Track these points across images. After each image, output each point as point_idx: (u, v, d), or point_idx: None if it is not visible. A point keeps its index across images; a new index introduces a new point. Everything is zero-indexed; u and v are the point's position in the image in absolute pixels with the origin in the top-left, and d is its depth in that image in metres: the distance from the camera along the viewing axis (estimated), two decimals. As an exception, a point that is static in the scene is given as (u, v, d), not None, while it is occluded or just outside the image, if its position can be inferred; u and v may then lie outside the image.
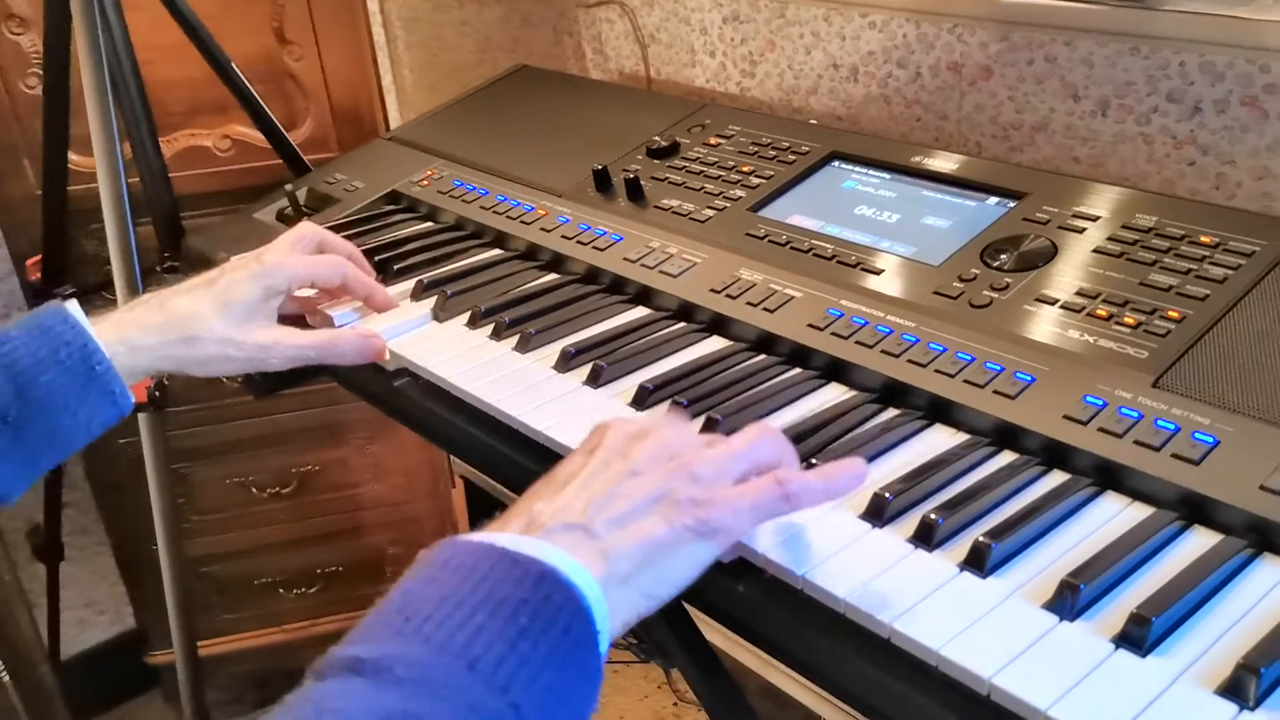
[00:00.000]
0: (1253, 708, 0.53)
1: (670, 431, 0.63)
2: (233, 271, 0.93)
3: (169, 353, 0.89)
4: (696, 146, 1.20)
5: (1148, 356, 0.77)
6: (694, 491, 0.59)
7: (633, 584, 0.56)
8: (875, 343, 0.84)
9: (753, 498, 0.60)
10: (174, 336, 0.89)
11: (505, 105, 1.44)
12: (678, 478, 0.59)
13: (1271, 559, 0.63)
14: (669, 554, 0.57)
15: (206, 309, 0.90)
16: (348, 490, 1.83)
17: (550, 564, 0.52)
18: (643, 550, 0.56)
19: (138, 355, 0.88)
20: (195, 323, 0.90)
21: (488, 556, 0.52)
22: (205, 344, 0.90)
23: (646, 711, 1.96)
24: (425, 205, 1.26)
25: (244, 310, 0.91)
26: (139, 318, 0.89)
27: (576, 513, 0.57)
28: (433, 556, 0.53)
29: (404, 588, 0.52)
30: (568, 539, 0.55)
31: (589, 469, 0.60)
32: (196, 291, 0.92)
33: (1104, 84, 1.13)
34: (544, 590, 0.51)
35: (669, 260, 1.02)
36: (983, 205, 0.98)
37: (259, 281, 0.93)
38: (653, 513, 0.58)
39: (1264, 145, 1.03)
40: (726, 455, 0.62)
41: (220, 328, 0.90)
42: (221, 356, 0.91)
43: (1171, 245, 0.86)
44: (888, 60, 1.32)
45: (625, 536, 0.56)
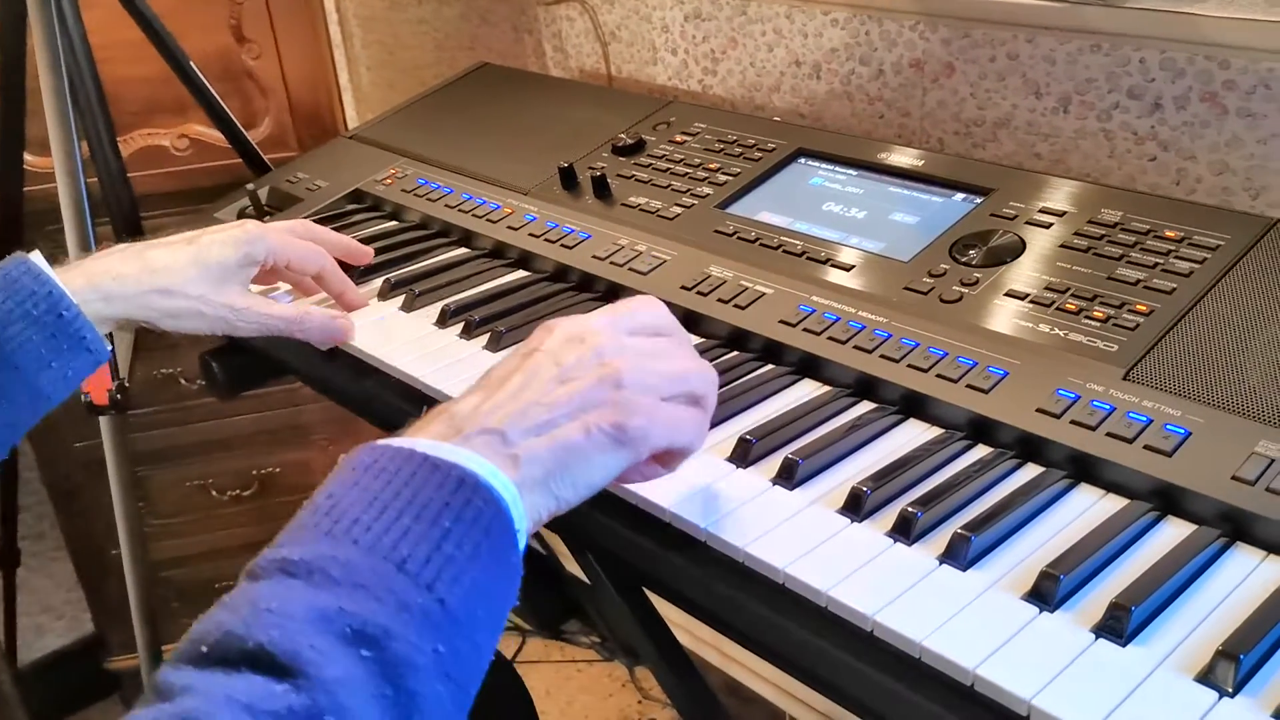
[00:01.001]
0: (1232, 694, 0.54)
1: (610, 338, 0.64)
2: (214, 233, 0.94)
3: (144, 302, 0.89)
4: (662, 144, 1.20)
5: (1118, 350, 0.78)
6: (616, 398, 0.61)
7: (544, 486, 0.58)
8: (848, 338, 0.85)
9: (671, 414, 0.63)
10: (149, 286, 0.89)
11: (467, 103, 1.43)
12: (604, 386, 0.61)
13: (1244, 548, 0.64)
14: (582, 458, 0.59)
15: (184, 263, 0.91)
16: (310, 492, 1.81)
17: (469, 468, 0.54)
18: (556, 455, 0.59)
19: (111, 303, 0.87)
20: (170, 275, 0.90)
21: (409, 461, 0.54)
22: (178, 297, 0.90)
23: (612, 710, 1.96)
24: (390, 204, 1.25)
25: (219, 271, 0.92)
26: (112, 266, 0.88)
27: (496, 419, 0.59)
28: (356, 460, 0.55)
29: (329, 491, 0.54)
30: (483, 442, 0.58)
31: (521, 374, 0.62)
32: (175, 246, 0.92)
33: (1065, 81, 1.14)
34: (464, 494, 0.53)
35: (638, 258, 1.02)
36: (949, 201, 0.99)
37: (239, 247, 0.93)
38: (573, 419, 0.60)
39: (1223, 141, 1.04)
40: (659, 373, 0.63)
41: (195, 284, 0.91)
42: (193, 311, 0.91)
43: (1137, 240, 0.87)
44: (850, 57, 1.33)
45: (540, 443, 0.59)
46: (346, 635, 0.47)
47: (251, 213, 1.27)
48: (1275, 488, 0.64)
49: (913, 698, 0.59)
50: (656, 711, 1.94)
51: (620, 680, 2.02)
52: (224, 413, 1.71)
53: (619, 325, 0.65)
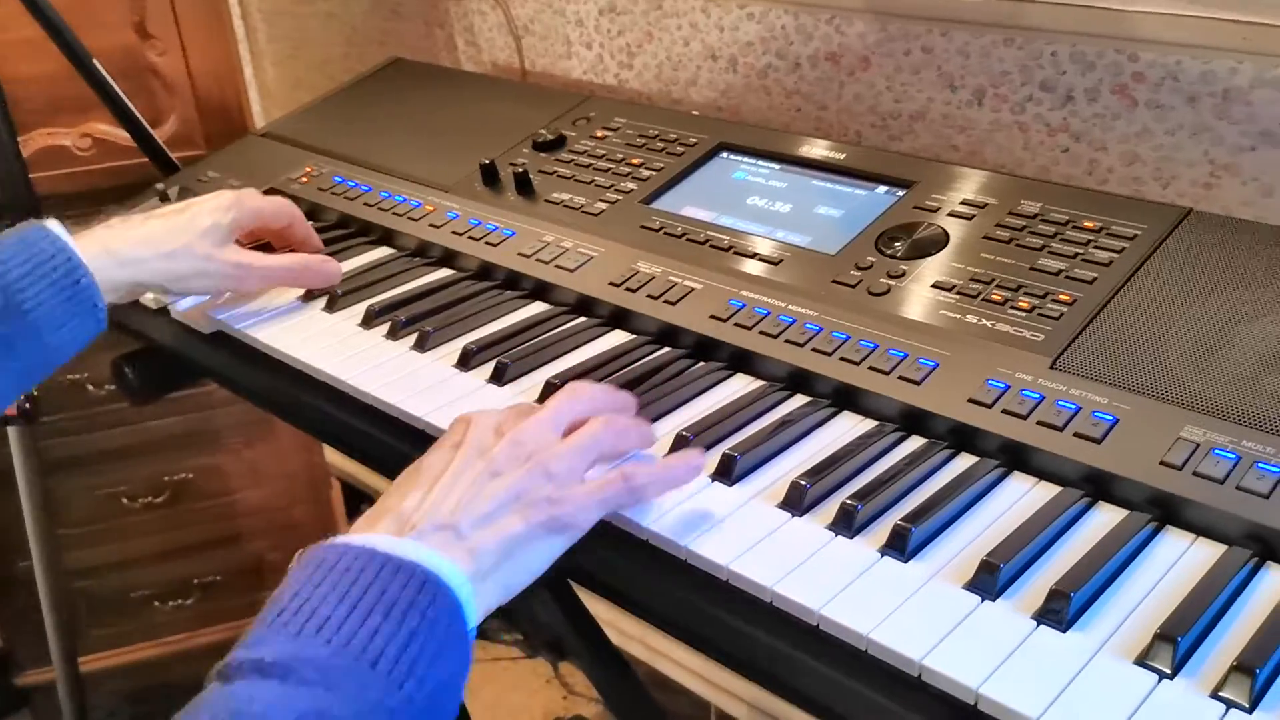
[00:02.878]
0: (1171, 676, 0.55)
1: (527, 428, 0.67)
2: (201, 202, 0.99)
3: (154, 267, 0.94)
4: (583, 139, 1.19)
5: (1044, 339, 0.79)
6: (548, 490, 0.64)
7: (494, 577, 0.62)
8: (779, 332, 0.85)
9: (600, 494, 0.66)
10: (157, 250, 0.94)
11: (381, 99, 1.41)
12: (533, 477, 0.64)
13: (1174, 531, 0.66)
14: (526, 548, 0.63)
15: (182, 229, 0.95)
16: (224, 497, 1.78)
17: (431, 569, 0.57)
18: (503, 547, 0.62)
19: (124, 268, 0.92)
20: (175, 238, 0.95)
21: (374, 561, 0.57)
22: (185, 259, 0.95)
23: (537, 707, 1.95)
24: (306, 203, 1.22)
25: (215, 235, 0.97)
26: (122, 233, 0.93)
27: (445, 513, 0.62)
28: (319, 558, 0.57)
29: (295, 590, 0.56)
30: (439, 539, 0.61)
31: (454, 468, 0.65)
32: (169, 216, 0.97)
33: (979, 74, 1.16)
34: (429, 594, 0.56)
35: (564, 254, 1.01)
36: (873, 194, 1.00)
37: (228, 213, 0.98)
38: (512, 511, 0.63)
39: (1133, 132, 1.07)
40: (576, 450, 0.67)
41: (199, 245, 0.95)
42: (200, 272, 0.96)
43: (1057, 230, 0.88)
44: (766, 51, 1.34)
45: (488, 535, 0.62)
46: None
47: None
48: (1202, 472, 0.66)
49: (860, 690, 0.59)
50: (582, 707, 1.94)
51: (544, 677, 2.01)
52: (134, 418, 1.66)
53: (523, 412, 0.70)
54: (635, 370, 0.86)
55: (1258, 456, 0.66)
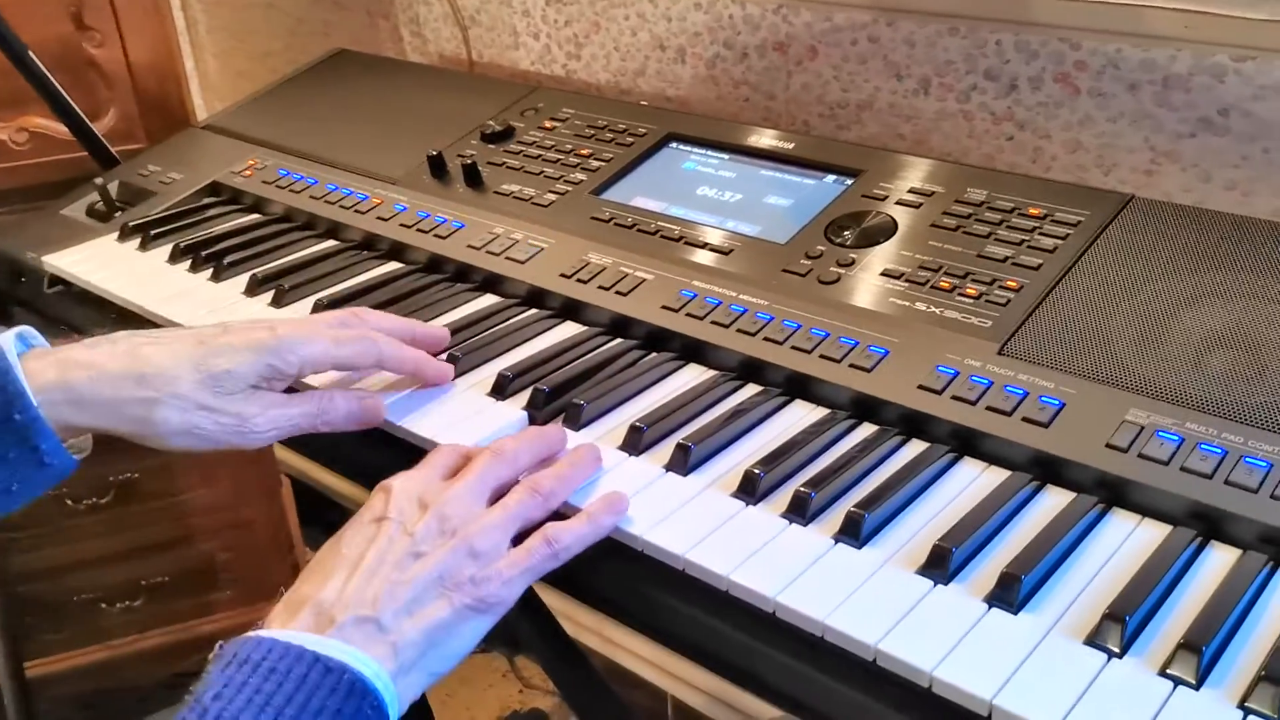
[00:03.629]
0: (1120, 655, 0.56)
1: (450, 500, 0.65)
2: (234, 335, 0.76)
3: (123, 411, 0.71)
4: (531, 130, 1.19)
5: (991, 325, 0.80)
6: (472, 570, 0.62)
7: (418, 666, 0.60)
8: (730, 322, 0.85)
9: (524, 564, 0.64)
10: (131, 393, 0.71)
11: (326, 91, 1.40)
12: (457, 556, 0.62)
13: (1121, 513, 0.67)
14: (450, 632, 0.61)
15: (184, 368, 0.73)
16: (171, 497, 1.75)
17: (357, 671, 0.56)
18: (428, 635, 0.60)
19: (82, 409, 0.71)
20: (162, 380, 0.72)
21: (300, 661, 0.55)
22: (168, 407, 0.72)
23: (493, 701, 1.94)
24: (250, 196, 1.21)
25: (229, 384, 0.74)
26: (95, 359, 0.72)
27: (367, 604, 0.60)
28: (244, 655, 0.55)
29: (216, 690, 0.54)
30: (361, 635, 0.58)
31: (375, 549, 0.62)
32: (180, 345, 0.74)
33: (925, 63, 1.17)
34: (355, 701, 0.55)
35: (515, 246, 1.00)
36: (821, 183, 1.00)
37: (262, 358, 0.75)
38: (436, 595, 0.61)
39: (1076, 120, 1.08)
40: (500, 524, 0.65)
41: (192, 391, 0.72)
42: (187, 426, 0.72)
43: (1003, 218, 0.89)
44: (714, 41, 1.34)
45: (412, 625, 0.60)
46: None
47: (102, 209, 1.22)
48: (1147, 454, 0.67)
49: (817, 676, 0.60)
50: (539, 700, 1.93)
51: (500, 670, 2.00)
52: (76, 418, 1.63)
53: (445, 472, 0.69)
54: (587, 362, 0.85)
55: (1200, 438, 0.68)
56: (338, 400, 0.79)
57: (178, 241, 1.11)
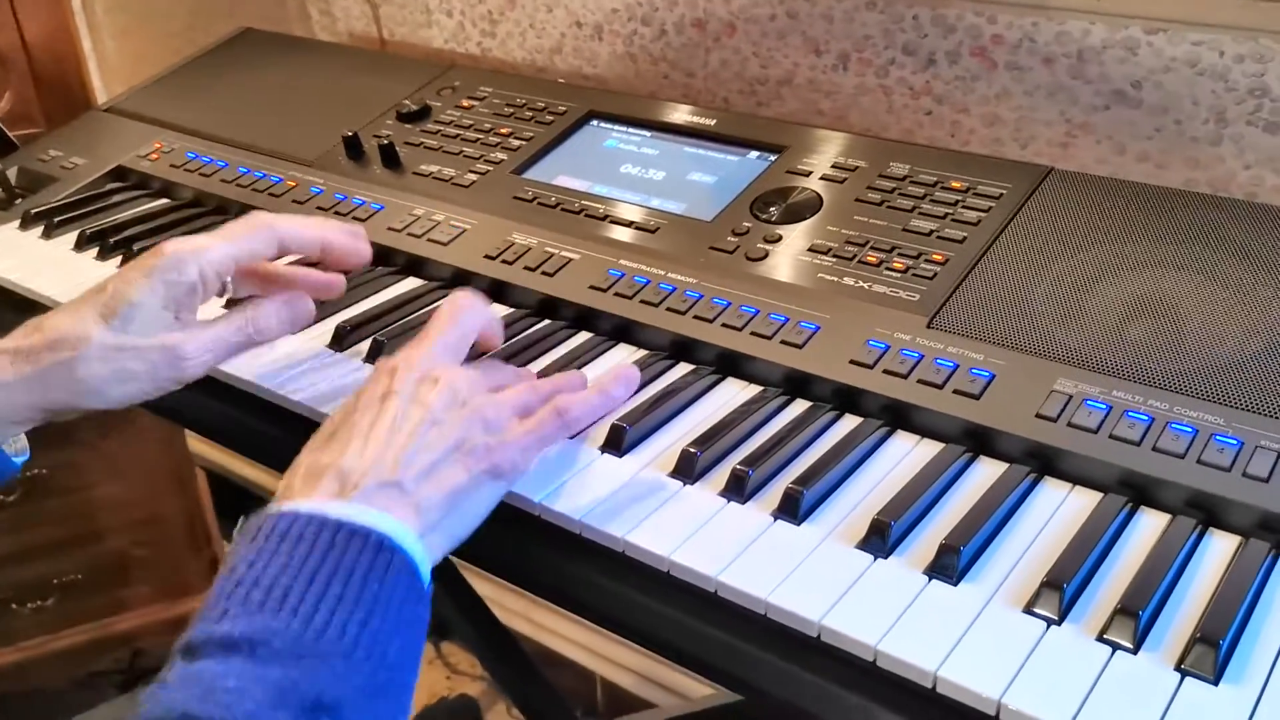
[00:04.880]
0: (1059, 622, 0.57)
1: (456, 375, 0.66)
2: (126, 269, 0.73)
3: (51, 381, 0.70)
4: (449, 109, 1.16)
5: (919, 299, 0.80)
6: (487, 438, 0.64)
7: (441, 528, 0.61)
8: (660, 301, 0.85)
9: (538, 433, 0.66)
10: (50, 360, 0.70)
11: (233, 71, 1.36)
12: (472, 425, 0.64)
13: (1052, 481, 0.68)
14: (469, 497, 0.62)
15: (88, 316, 0.70)
16: (81, 493, 1.70)
17: (383, 531, 0.56)
18: (448, 498, 0.61)
19: (12, 392, 0.70)
20: (74, 337, 0.70)
21: (325, 527, 0.56)
22: (88, 361, 0.70)
23: (421, 688, 1.92)
24: (158, 180, 1.17)
25: (139, 315, 0.71)
26: (6, 344, 0.71)
27: (388, 468, 0.60)
28: (270, 527, 0.56)
29: (249, 560, 0.54)
30: (385, 498, 0.59)
31: (389, 418, 0.63)
32: (80, 302, 0.72)
33: (843, 38, 1.17)
34: (385, 558, 0.55)
35: (436, 228, 0.99)
36: (745, 160, 1.00)
37: (154, 275, 0.71)
38: (453, 461, 0.62)
39: (993, 94, 1.09)
40: (511, 398, 0.67)
41: (104, 335, 0.70)
42: (117, 374, 0.70)
43: (926, 191, 0.90)
44: (632, 18, 1.32)
45: (432, 488, 0.61)
46: (305, 707, 0.49)
47: (1, 196, 1.17)
48: (1076, 422, 0.68)
49: (761, 655, 0.60)
50: (466, 686, 1.92)
51: (427, 658, 1.98)
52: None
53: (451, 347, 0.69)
54: (516, 344, 0.84)
55: (1127, 405, 0.69)
56: (265, 307, 0.77)
57: (83, 228, 1.07)
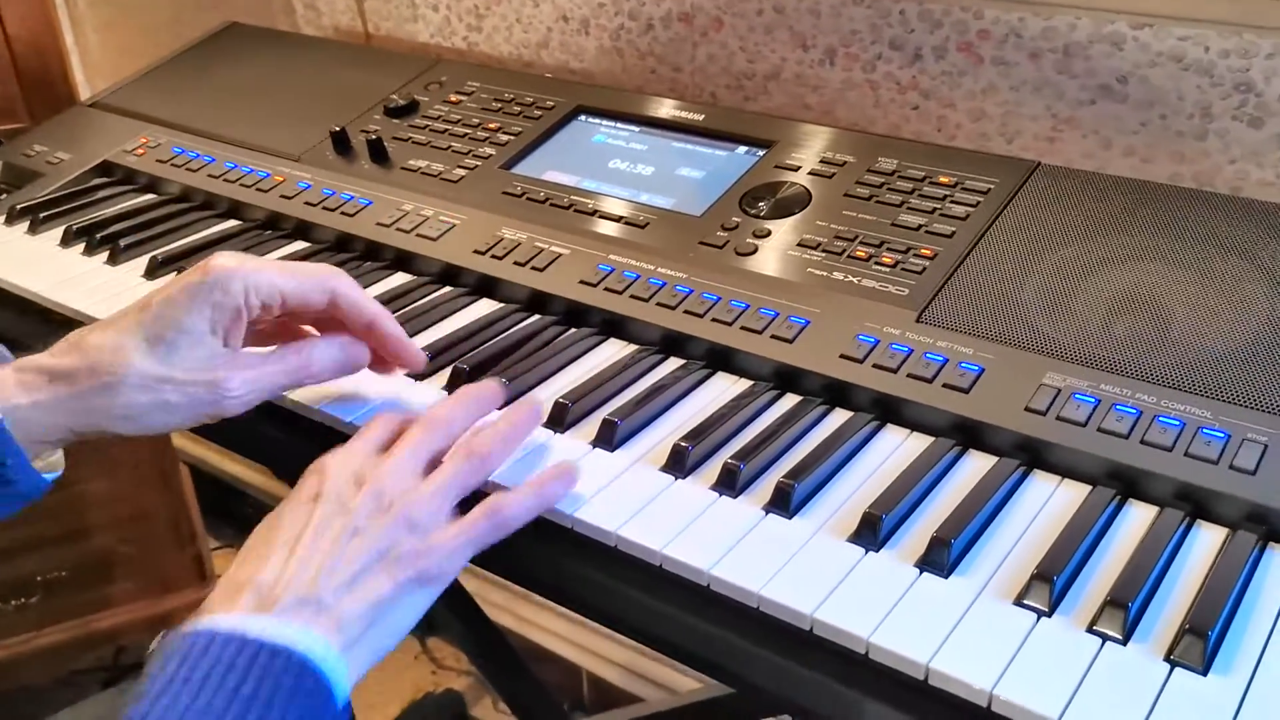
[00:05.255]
0: (1049, 614, 0.57)
1: (385, 473, 0.63)
2: (169, 287, 0.70)
3: (87, 404, 0.66)
4: (436, 104, 1.16)
5: (908, 293, 0.81)
6: (413, 543, 0.61)
7: (363, 643, 0.58)
8: (650, 296, 0.85)
9: (468, 536, 0.62)
10: (88, 384, 0.66)
11: (219, 66, 1.35)
12: (397, 529, 0.61)
13: (1042, 474, 0.69)
14: (394, 607, 0.60)
15: (129, 341, 0.67)
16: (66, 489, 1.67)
17: (301, 652, 0.54)
18: (370, 611, 0.58)
19: (48, 412, 0.66)
20: (114, 361, 0.67)
21: (245, 647, 0.54)
22: (128, 389, 0.66)
23: (406, 684, 1.92)
24: (144, 176, 1.17)
25: (185, 341, 0.68)
26: (44, 362, 0.68)
27: (306, 583, 0.58)
28: (185, 647, 0.54)
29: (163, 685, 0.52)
30: (304, 614, 0.57)
31: (312, 527, 0.60)
32: (122, 319, 0.69)
33: (830, 33, 1.17)
34: (306, 682, 0.54)
35: (425, 223, 0.99)
36: (733, 155, 1.00)
37: (199, 297, 0.68)
38: (377, 571, 0.59)
39: (979, 88, 1.10)
40: (438, 492, 0.63)
41: (148, 364, 0.67)
42: (156, 404, 0.67)
43: (915, 186, 0.90)
44: (619, 12, 1.32)
45: (354, 601, 0.58)
46: None
47: (-8, 194, 1.16)
48: (1065, 416, 0.69)
49: (754, 649, 0.60)
50: (452, 680, 1.92)
51: (412, 653, 1.99)
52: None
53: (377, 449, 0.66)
54: (506, 339, 0.84)
55: (1115, 399, 0.69)
56: (320, 348, 0.73)
57: (70, 224, 1.06)
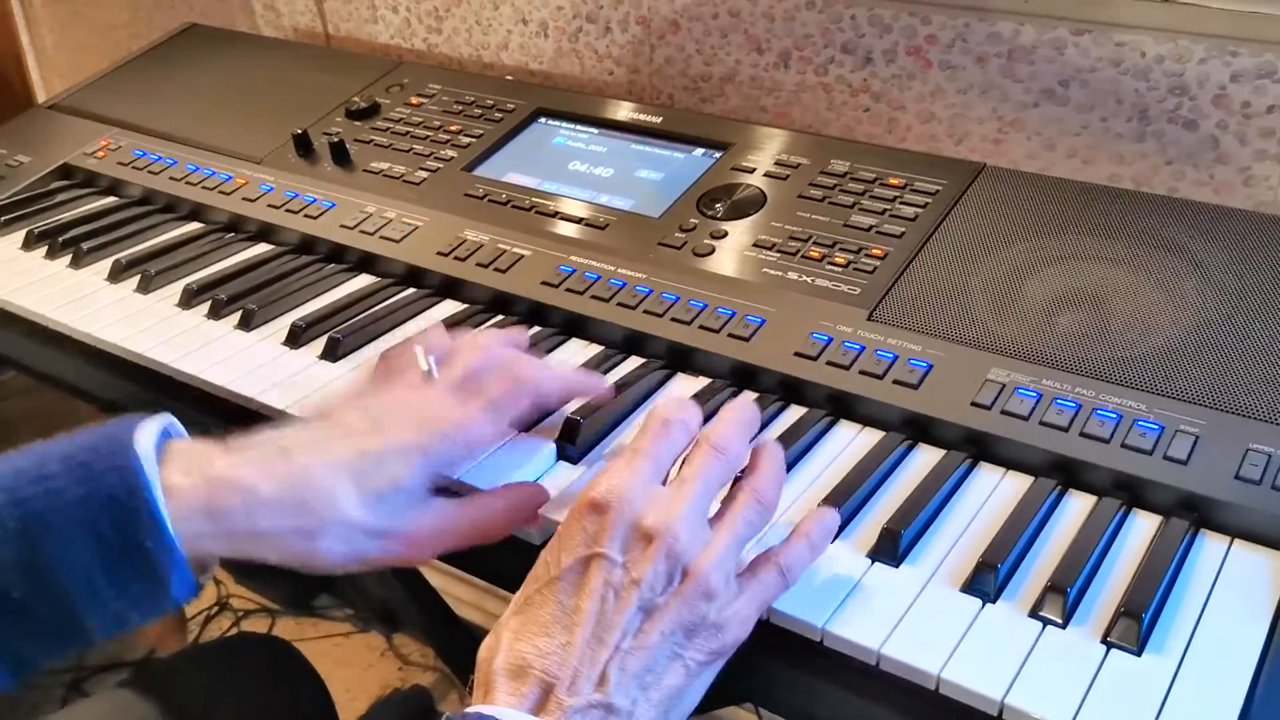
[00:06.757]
0: (994, 600, 0.60)
1: (677, 525, 0.54)
2: (388, 433, 0.62)
3: (279, 544, 0.59)
4: (398, 106, 1.18)
5: (860, 292, 0.83)
6: (709, 614, 0.54)
7: None
8: (610, 296, 0.87)
9: (760, 601, 0.57)
10: (291, 524, 0.58)
11: (179, 67, 1.36)
12: (694, 604, 0.54)
13: (987, 466, 0.72)
14: (682, 699, 0.54)
15: (345, 485, 0.60)
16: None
17: None
18: (663, 707, 0.53)
19: (229, 541, 0.58)
20: (324, 505, 0.59)
21: None
22: (331, 538, 0.59)
23: (372, 681, 1.93)
24: (106, 179, 1.17)
25: (397, 500, 0.61)
26: (246, 477, 0.58)
27: (595, 681, 0.51)
28: None
29: None
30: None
31: (595, 602, 0.53)
32: (337, 452, 0.61)
33: (784, 37, 1.20)
34: None
35: (388, 225, 1.00)
36: (690, 157, 1.02)
37: (434, 458, 0.63)
38: (671, 659, 0.53)
39: (928, 91, 1.13)
40: (733, 548, 0.57)
41: (358, 514, 0.60)
42: (351, 558, 0.60)
43: (866, 188, 0.93)
44: (577, 15, 1.34)
45: (646, 702, 0.52)
46: None
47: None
48: (1009, 410, 0.72)
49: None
50: (418, 676, 1.93)
51: (378, 650, 2.00)
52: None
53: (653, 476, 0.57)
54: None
55: (1056, 393, 0.72)
56: (499, 496, 0.68)
57: (31, 227, 1.07)
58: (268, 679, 0.94)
